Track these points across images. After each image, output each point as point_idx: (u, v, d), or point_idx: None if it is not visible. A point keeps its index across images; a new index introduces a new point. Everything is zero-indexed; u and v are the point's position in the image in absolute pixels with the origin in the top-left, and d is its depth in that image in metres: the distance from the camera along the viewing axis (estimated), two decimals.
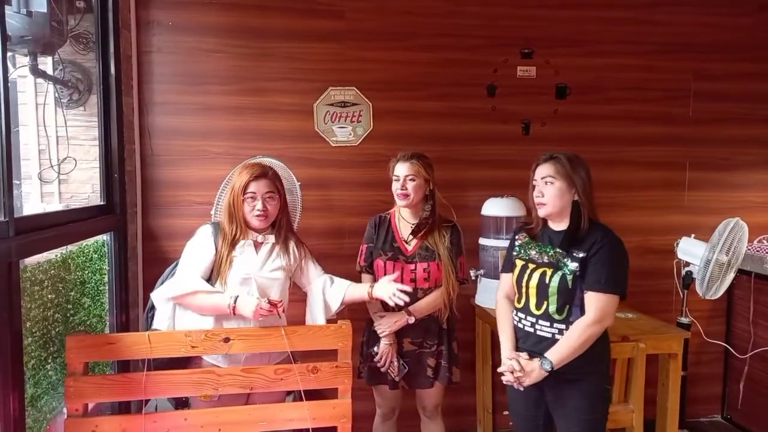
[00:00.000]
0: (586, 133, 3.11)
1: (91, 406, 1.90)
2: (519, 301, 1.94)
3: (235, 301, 1.84)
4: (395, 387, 2.29)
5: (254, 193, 1.94)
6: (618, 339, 2.34)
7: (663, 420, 2.51)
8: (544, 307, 1.85)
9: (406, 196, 2.22)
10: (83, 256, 2.22)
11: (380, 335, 2.21)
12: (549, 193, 1.87)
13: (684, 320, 2.82)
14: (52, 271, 1.96)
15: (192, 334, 1.83)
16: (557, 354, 1.79)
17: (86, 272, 2.26)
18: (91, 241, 2.32)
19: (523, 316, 1.92)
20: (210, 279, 1.93)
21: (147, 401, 1.88)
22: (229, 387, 1.86)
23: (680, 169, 3.24)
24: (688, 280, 2.79)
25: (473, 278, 2.88)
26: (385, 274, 2.21)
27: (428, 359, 2.26)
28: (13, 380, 1.64)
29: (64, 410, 1.97)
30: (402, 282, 2.20)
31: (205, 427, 1.84)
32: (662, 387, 2.53)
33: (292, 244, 2.07)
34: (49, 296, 1.93)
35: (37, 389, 1.84)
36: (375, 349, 2.24)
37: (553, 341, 1.83)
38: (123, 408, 2.29)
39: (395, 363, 2.22)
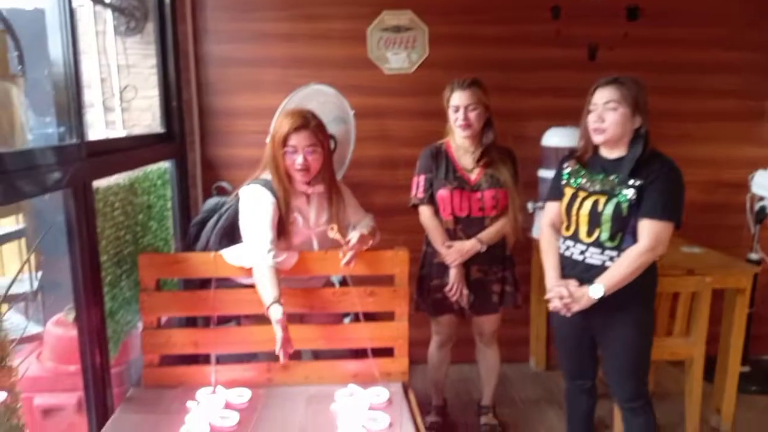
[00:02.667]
0: (658, 59, 2.90)
1: (163, 320, 2.01)
2: (568, 230, 1.89)
3: (269, 306, 1.68)
4: (461, 316, 2.31)
5: (295, 146, 1.82)
6: (683, 272, 2.27)
7: (725, 355, 2.45)
8: (596, 235, 1.81)
9: (469, 126, 2.14)
10: (148, 182, 2.29)
11: (451, 265, 2.19)
12: (610, 119, 1.76)
13: (754, 256, 2.69)
14: (121, 195, 2.03)
15: None
16: (608, 280, 1.76)
17: (152, 197, 2.34)
18: (154, 167, 2.38)
19: (571, 244, 1.88)
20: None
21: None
22: (290, 307, 1.91)
23: (759, 99, 3.00)
24: (762, 215, 2.65)
25: (530, 211, 2.82)
26: (451, 205, 2.18)
27: (493, 285, 2.26)
28: (94, 294, 1.75)
29: (138, 324, 2.10)
30: (470, 211, 2.18)
31: (267, 342, 1.91)
32: (726, 322, 2.45)
33: (342, 192, 2.02)
34: (120, 218, 2.01)
35: (114, 304, 1.96)
36: (445, 279, 2.24)
37: (602, 269, 1.79)
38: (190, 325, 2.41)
39: (465, 292, 2.22)
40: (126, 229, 2.07)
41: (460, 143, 2.23)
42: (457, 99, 2.14)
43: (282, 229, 1.86)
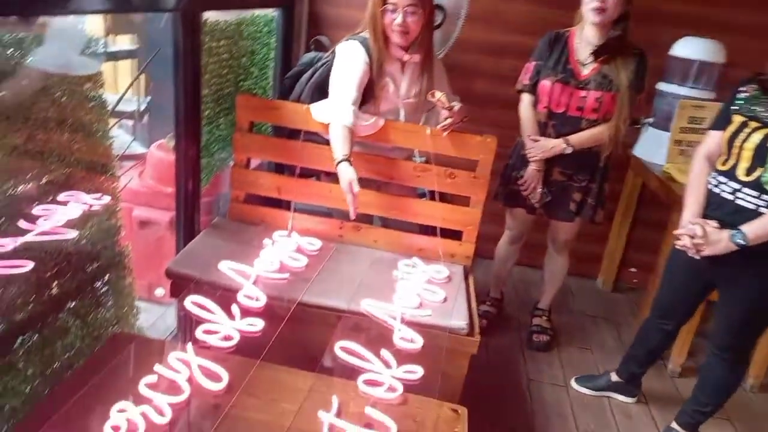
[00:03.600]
0: None
1: (254, 164, 2.11)
2: (725, 164, 1.66)
3: (339, 162, 1.68)
4: (532, 213, 2.26)
5: (395, 4, 1.73)
6: None
7: None
8: (757, 174, 1.57)
9: (603, 10, 1.91)
10: (254, 26, 2.31)
11: (530, 159, 2.12)
12: None
13: None
14: (228, 33, 2.06)
15: None
16: (758, 230, 1.54)
17: (256, 44, 2.37)
18: (261, 13, 2.38)
19: (723, 180, 1.65)
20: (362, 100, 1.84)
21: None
22: (371, 172, 1.95)
23: None
24: None
25: (640, 125, 2.61)
26: (549, 97, 2.05)
27: (575, 193, 2.17)
28: (192, 123, 1.85)
29: (231, 163, 2.23)
30: (568, 108, 2.05)
31: (343, 201, 1.98)
32: None
33: (437, 66, 1.93)
34: (224, 56, 2.07)
35: (210, 137, 2.08)
36: (522, 172, 2.18)
37: (755, 214, 1.57)
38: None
39: (539, 190, 2.16)
40: (229, 68, 2.13)
41: (586, 33, 2.03)
42: None
43: (370, 92, 1.83)
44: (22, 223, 1.44)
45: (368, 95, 1.83)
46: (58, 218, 1.52)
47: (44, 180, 1.48)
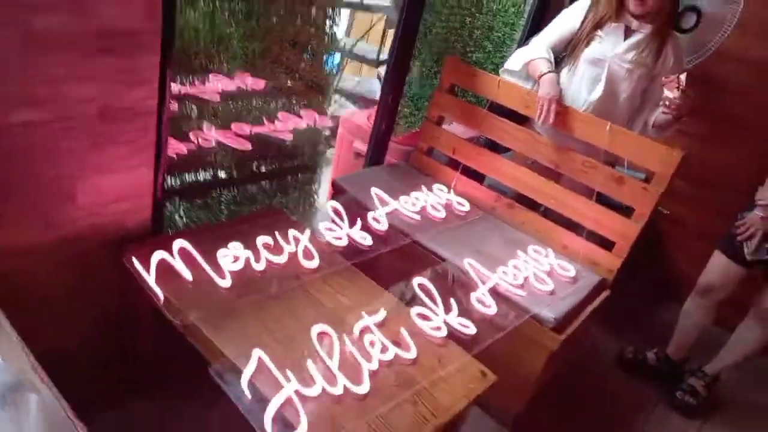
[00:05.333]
0: None
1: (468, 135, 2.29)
2: None
3: (544, 74, 1.84)
4: (744, 265, 1.94)
5: None
6: None
7: None
8: None
9: None
10: (499, 4, 2.43)
11: (757, 202, 1.85)
12: None
13: None
14: (465, 3, 2.25)
15: (531, 94, 1.91)
16: None
17: (497, 20, 2.49)
18: None
19: None
20: (564, 52, 1.92)
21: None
22: (539, 155, 1.96)
23: None
24: None
25: None
26: None
27: None
28: (398, 75, 2.13)
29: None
30: None
31: (509, 178, 2.05)
32: None
33: (669, 49, 1.80)
34: (454, 24, 2.27)
35: (421, 91, 2.34)
36: (745, 213, 1.89)
37: None
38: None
39: (756, 239, 1.85)
40: (457, 37, 2.33)
41: None
42: None
43: (578, 43, 1.89)
44: (263, 120, 1.96)
45: (576, 44, 1.91)
46: (287, 124, 2.01)
47: (272, 85, 1.95)
